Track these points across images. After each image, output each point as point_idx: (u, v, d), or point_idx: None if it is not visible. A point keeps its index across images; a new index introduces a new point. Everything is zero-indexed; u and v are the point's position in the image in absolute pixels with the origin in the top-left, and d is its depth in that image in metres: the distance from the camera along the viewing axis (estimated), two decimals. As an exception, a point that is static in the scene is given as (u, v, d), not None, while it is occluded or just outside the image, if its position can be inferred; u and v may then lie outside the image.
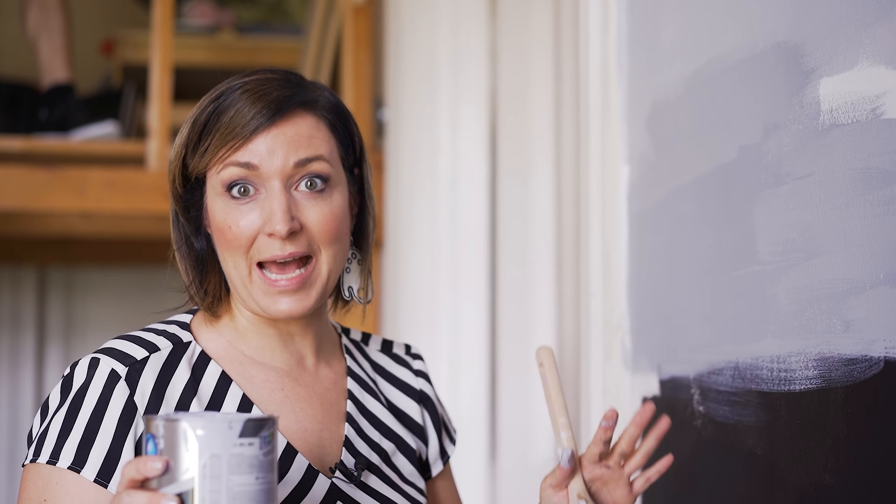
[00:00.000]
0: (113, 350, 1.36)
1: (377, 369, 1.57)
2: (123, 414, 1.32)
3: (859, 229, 1.23)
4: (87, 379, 1.33)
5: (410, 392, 1.58)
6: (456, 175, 3.20)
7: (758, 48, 1.45)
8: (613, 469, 1.38)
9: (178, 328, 1.43)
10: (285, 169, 1.36)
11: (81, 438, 1.30)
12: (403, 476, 1.50)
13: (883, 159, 1.19)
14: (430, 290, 3.23)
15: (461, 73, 3.21)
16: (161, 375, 1.36)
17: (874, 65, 1.21)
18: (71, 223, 4.12)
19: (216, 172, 1.37)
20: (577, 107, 2.07)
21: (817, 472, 1.31)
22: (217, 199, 1.38)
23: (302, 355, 1.47)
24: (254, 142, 1.35)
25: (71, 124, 3.88)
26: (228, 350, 1.43)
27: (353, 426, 1.47)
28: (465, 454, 3.04)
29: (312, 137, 1.38)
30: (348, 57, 3.78)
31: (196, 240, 1.43)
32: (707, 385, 1.58)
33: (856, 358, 1.23)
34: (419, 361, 1.62)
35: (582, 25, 2.03)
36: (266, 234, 1.35)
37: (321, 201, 1.38)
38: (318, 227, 1.37)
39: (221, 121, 1.36)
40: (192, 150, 1.39)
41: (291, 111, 1.37)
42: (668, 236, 1.73)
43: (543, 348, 1.39)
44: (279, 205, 1.34)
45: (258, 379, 1.42)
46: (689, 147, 1.66)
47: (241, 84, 1.39)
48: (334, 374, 1.50)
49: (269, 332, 1.44)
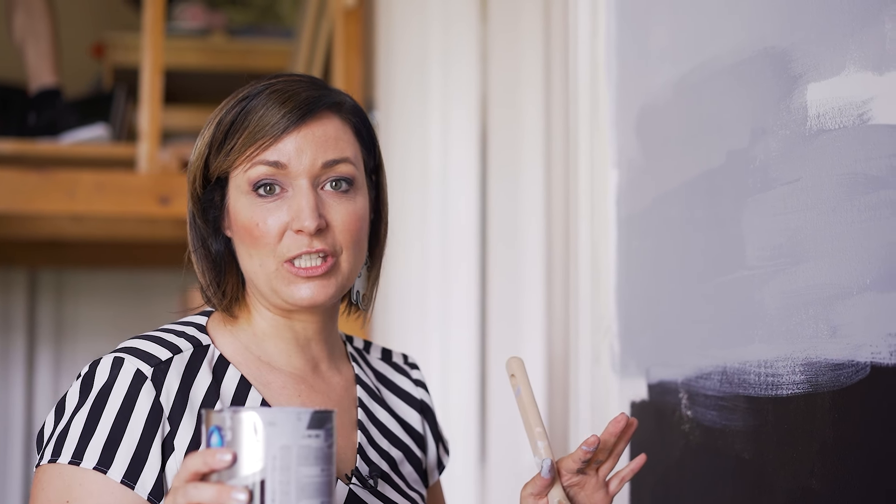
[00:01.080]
0: (136, 350, 1.35)
1: (379, 378, 1.58)
2: (151, 415, 1.31)
3: (846, 234, 1.23)
4: (110, 378, 1.32)
5: (411, 401, 1.59)
6: (446, 178, 3.20)
7: (746, 53, 1.45)
8: (589, 474, 1.39)
9: (195, 330, 1.42)
10: (313, 169, 1.37)
11: (107, 438, 1.28)
12: (409, 484, 1.51)
13: (869, 165, 1.19)
14: (420, 292, 3.23)
15: (452, 75, 3.21)
16: (185, 377, 1.35)
17: (861, 70, 1.21)
18: (61, 226, 4.12)
19: (243, 171, 1.37)
20: (567, 110, 2.07)
21: (804, 477, 1.31)
22: (242, 198, 1.38)
23: (317, 361, 1.47)
24: (283, 141, 1.36)
25: (60, 128, 3.87)
26: (245, 354, 1.42)
27: (365, 434, 1.47)
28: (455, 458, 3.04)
29: (339, 139, 1.40)
30: (339, 59, 3.78)
31: (214, 241, 1.43)
32: (695, 389, 1.58)
33: (842, 363, 1.23)
34: (417, 371, 1.63)
35: (571, 29, 2.04)
36: (294, 231, 1.36)
37: (346, 201, 1.39)
38: (343, 226, 1.38)
39: (250, 120, 1.37)
40: (217, 149, 1.39)
41: (320, 112, 1.39)
42: (656, 241, 1.73)
43: (514, 359, 1.39)
44: (307, 202, 1.35)
45: (276, 385, 1.42)
46: (677, 151, 1.66)
47: (268, 85, 1.40)
48: (345, 381, 1.50)
49: (286, 335, 1.44)
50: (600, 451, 1.37)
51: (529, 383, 1.37)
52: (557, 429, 2.32)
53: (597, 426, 1.91)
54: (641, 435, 1.77)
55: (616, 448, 1.38)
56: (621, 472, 1.41)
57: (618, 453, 1.39)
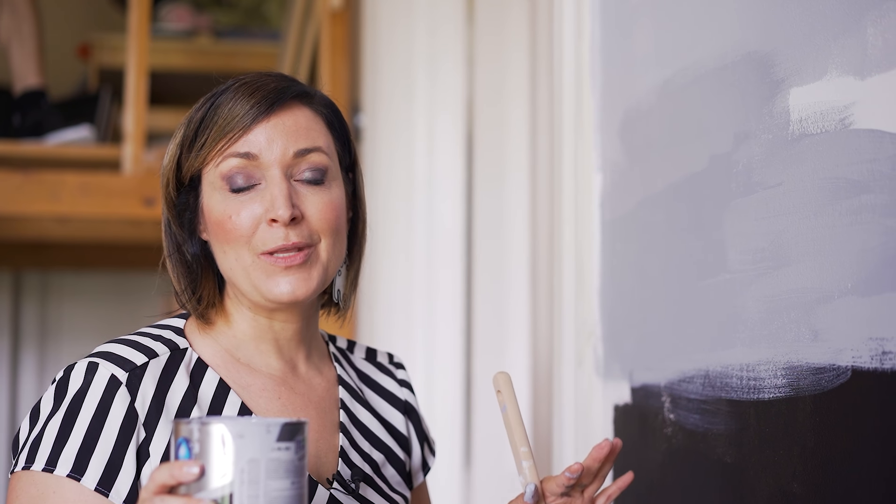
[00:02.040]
0: (111, 355, 1.33)
1: (363, 378, 1.57)
2: (125, 421, 1.29)
3: (828, 239, 1.24)
4: (84, 383, 1.30)
5: (395, 402, 1.58)
6: (432, 181, 3.21)
7: (729, 58, 1.46)
8: (574, 496, 1.38)
9: (173, 333, 1.40)
10: (285, 158, 1.35)
11: (81, 445, 1.27)
12: (392, 486, 1.50)
13: (851, 169, 1.20)
14: (406, 295, 3.23)
15: (438, 79, 3.22)
16: (161, 382, 1.34)
17: (843, 75, 1.22)
18: (46, 227, 4.11)
19: (214, 166, 1.36)
20: (552, 114, 2.08)
21: (786, 481, 1.31)
22: (215, 194, 1.37)
23: (295, 362, 1.45)
24: (253, 132, 1.35)
25: (45, 129, 3.87)
26: (224, 357, 1.41)
27: (347, 436, 1.46)
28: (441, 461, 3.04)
29: (310, 129, 1.38)
30: (325, 62, 3.78)
31: (189, 246, 1.41)
32: (677, 393, 1.58)
33: (824, 367, 1.24)
34: (402, 371, 1.62)
35: (556, 33, 2.04)
36: (267, 222, 1.34)
37: (321, 192, 1.37)
38: (318, 215, 1.36)
39: (219, 114, 1.36)
40: (188, 147, 1.38)
41: (288, 102, 1.38)
42: (639, 244, 1.74)
43: (501, 374, 1.36)
44: (280, 191, 1.34)
45: (255, 388, 1.40)
46: (660, 156, 1.66)
47: (237, 81, 1.39)
48: (326, 383, 1.49)
49: (266, 336, 1.42)
50: (584, 475, 1.36)
51: (516, 400, 1.34)
52: (541, 433, 2.32)
53: (580, 430, 1.91)
54: (625, 439, 1.77)
55: (601, 471, 1.37)
56: (608, 489, 1.40)
57: (602, 476, 1.38)
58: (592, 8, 1.91)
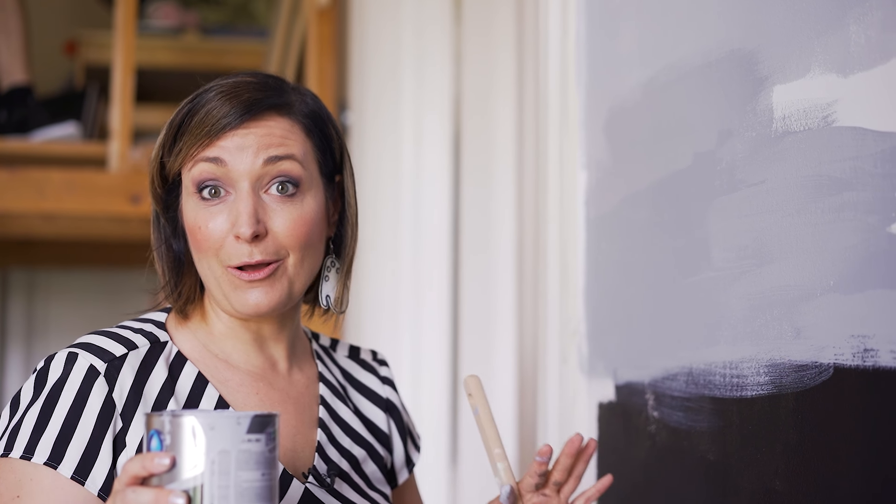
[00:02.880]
0: (91, 345, 1.34)
1: (345, 376, 1.58)
2: (102, 411, 1.30)
3: (810, 236, 1.24)
4: (63, 373, 1.32)
5: (377, 400, 1.58)
6: (419, 179, 3.20)
7: (713, 56, 1.46)
8: (551, 496, 1.39)
9: (154, 327, 1.42)
10: (254, 168, 1.35)
11: (59, 434, 1.28)
12: (371, 483, 1.50)
13: (833, 167, 1.20)
14: (393, 293, 3.23)
15: (425, 77, 3.21)
16: (139, 373, 1.35)
17: (826, 73, 1.22)
18: (32, 224, 4.09)
19: (188, 171, 1.37)
20: (537, 112, 2.08)
21: (768, 478, 1.31)
22: (189, 200, 1.38)
23: (275, 360, 1.47)
24: (224, 138, 1.35)
25: (31, 125, 3.85)
26: (203, 352, 1.42)
27: (325, 432, 1.47)
28: (427, 458, 3.04)
29: (285, 138, 1.37)
30: (312, 59, 3.77)
31: (175, 241, 1.43)
32: (661, 390, 1.58)
33: (806, 364, 1.24)
34: (385, 368, 1.62)
35: (542, 32, 2.04)
36: (233, 237, 1.35)
37: (290, 206, 1.36)
38: (286, 231, 1.36)
39: (195, 119, 1.36)
40: (168, 150, 1.39)
41: (263, 113, 1.37)
42: (624, 242, 1.74)
43: (471, 377, 1.36)
44: (245, 207, 1.33)
45: (233, 382, 1.42)
46: (645, 153, 1.66)
47: (217, 86, 1.39)
48: (306, 379, 1.50)
49: (243, 335, 1.43)
50: (559, 471, 1.37)
51: (487, 402, 1.34)
52: (526, 430, 2.32)
53: (564, 427, 1.92)
54: (609, 436, 1.78)
55: (575, 469, 1.38)
56: (587, 492, 1.41)
57: (578, 475, 1.39)
58: (578, 7, 1.91)
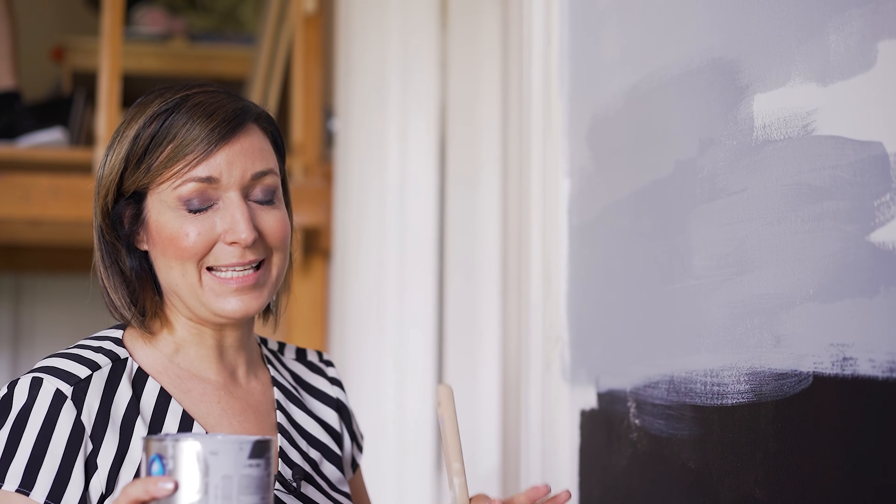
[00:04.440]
0: (55, 369, 1.34)
1: (295, 379, 1.59)
2: (72, 434, 1.31)
3: (790, 245, 1.24)
4: (29, 399, 1.31)
5: (327, 401, 1.60)
6: (405, 186, 3.20)
7: (694, 64, 1.46)
8: None
9: (112, 344, 1.42)
10: (243, 180, 1.39)
11: (29, 460, 1.28)
12: (332, 484, 1.51)
13: (813, 175, 1.20)
14: (378, 300, 3.22)
15: (411, 84, 3.22)
16: (105, 394, 1.35)
17: (806, 82, 1.22)
18: (18, 230, 4.08)
19: (171, 188, 1.37)
20: (521, 119, 2.08)
21: (748, 487, 1.31)
22: (167, 212, 1.38)
23: (234, 368, 1.48)
24: (214, 156, 1.37)
25: (18, 131, 3.84)
26: (165, 364, 1.43)
27: (286, 436, 1.48)
28: (412, 464, 3.04)
29: (263, 150, 1.42)
30: (299, 66, 3.77)
31: (128, 258, 1.42)
32: (643, 398, 1.59)
33: (786, 373, 1.24)
34: (332, 369, 1.64)
35: (525, 38, 2.04)
36: (226, 243, 1.37)
37: (272, 210, 1.42)
38: (273, 234, 1.41)
39: (174, 135, 1.37)
40: (136, 165, 1.38)
41: (247, 125, 1.41)
42: (606, 250, 1.74)
43: (443, 387, 1.37)
44: (242, 214, 1.37)
45: (195, 393, 1.43)
46: (627, 161, 1.66)
47: (185, 98, 1.40)
48: (262, 386, 1.51)
49: (207, 342, 1.45)
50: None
51: (455, 415, 1.34)
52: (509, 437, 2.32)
53: (547, 434, 1.91)
54: (591, 443, 1.78)
55: None
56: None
57: None
58: (561, 13, 1.91)
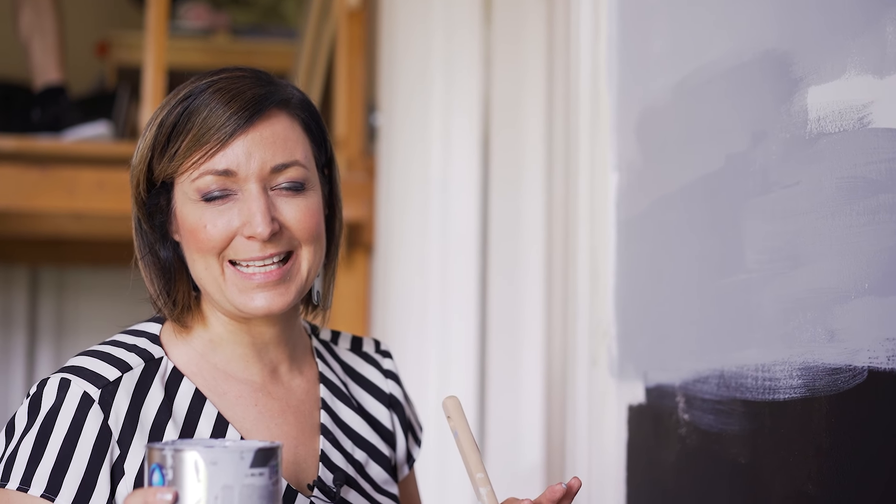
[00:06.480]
0: (83, 370, 1.31)
1: (347, 370, 1.53)
2: (98, 439, 1.28)
3: (845, 239, 1.23)
4: (57, 401, 1.28)
5: (380, 396, 1.54)
6: (447, 182, 3.20)
7: (746, 57, 1.45)
8: None
9: (147, 342, 1.37)
10: (263, 172, 1.32)
11: (54, 465, 1.26)
12: (377, 485, 1.47)
13: (869, 168, 1.19)
14: (420, 295, 3.22)
15: (454, 80, 3.21)
16: (135, 397, 1.31)
17: (861, 74, 1.21)
18: (62, 223, 4.11)
19: (189, 179, 1.32)
20: (568, 113, 2.07)
21: (800, 482, 1.30)
22: (189, 204, 1.33)
23: (276, 365, 1.43)
24: (231, 146, 1.30)
25: (63, 124, 3.87)
26: (200, 364, 1.38)
27: (329, 438, 1.43)
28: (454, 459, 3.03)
29: (288, 139, 1.34)
30: (342, 61, 3.78)
31: (162, 248, 1.38)
32: (692, 393, 1.58)
33: (840, 367, 1.23)
34: (388, 360, 1.57)
35: (573, 34, 2.03)
36: (245, 237, 1.31)
37: (299, 199, 1.34)
38: (298, 224, 1.34)
39: (193, 121, 1.31)
40: (161, 153, 1.33)
41: (268, 111, 1.33)
42: (655, 244, 1.73)
43: (449, 399, 1.31)
44: (259, 207, 1.30)
45: (231, 395, 1.38)
46: (676, 155, 1.66)
47: (210, 83, 1.34)
48: (306, 383, 1.46)
49: (244, 339, 1.39)
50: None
51: (467, 424, 1.29)
52: (555, 433, 2.31)
53: (594, 430, 1.91)
54: (639, 439, 1.77)
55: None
56: None
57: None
58: (609, 8, 1.90)
